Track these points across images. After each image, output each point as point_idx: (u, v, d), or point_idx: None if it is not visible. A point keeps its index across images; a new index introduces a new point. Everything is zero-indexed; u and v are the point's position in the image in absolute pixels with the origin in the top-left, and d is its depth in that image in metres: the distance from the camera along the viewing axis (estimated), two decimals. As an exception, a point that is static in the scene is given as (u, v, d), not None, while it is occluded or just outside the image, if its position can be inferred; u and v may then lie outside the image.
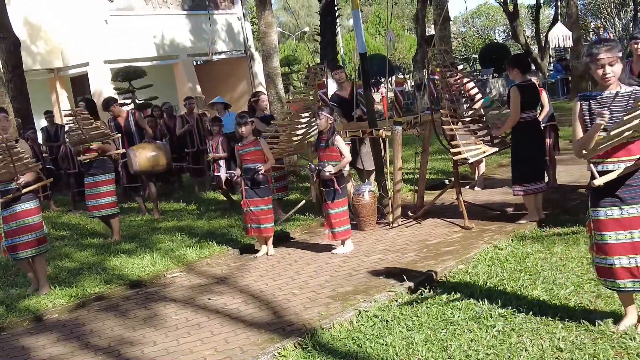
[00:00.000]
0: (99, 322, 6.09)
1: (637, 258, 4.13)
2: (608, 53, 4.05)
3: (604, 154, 4.15)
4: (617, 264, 4.18)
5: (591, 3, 50.11)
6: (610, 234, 4.19)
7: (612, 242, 4.19)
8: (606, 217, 4.20)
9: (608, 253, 4.21)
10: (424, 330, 4.77)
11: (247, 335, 5.26)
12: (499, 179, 10.72)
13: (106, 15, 22.33)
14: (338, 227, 7.36)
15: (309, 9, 60.17)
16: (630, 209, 4.13)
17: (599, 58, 4.07)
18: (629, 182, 4.12)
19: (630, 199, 4.12)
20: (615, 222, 4.17)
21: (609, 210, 4.19)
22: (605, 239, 4.21)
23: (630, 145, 4.08)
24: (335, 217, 7.35)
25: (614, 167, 4.12)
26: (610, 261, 4.21)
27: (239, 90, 26.94)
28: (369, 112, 8.70)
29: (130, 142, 10.45)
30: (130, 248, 8.52)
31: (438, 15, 15.37)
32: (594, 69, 4.12)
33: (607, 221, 4.20)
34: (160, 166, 10.44)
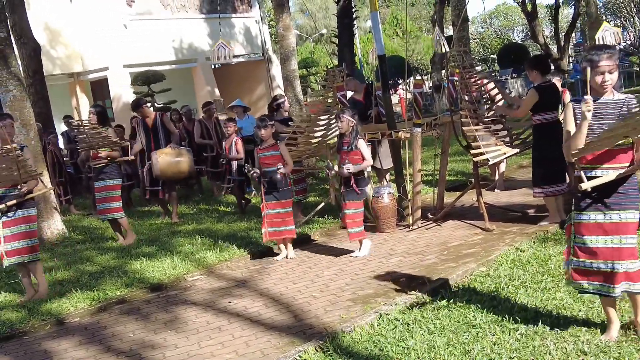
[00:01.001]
0: (121, 326, 6.11)
1: (614, 264, 4.12)
2: (609, 61, 4.05)
3: (593, 160, 4.14)
4: (595, 267, 4.19)
5: (611, 2, 49.66)
6: (591, 238, 4.19)
7: (593, 246, 4.19)
8: (589, 220, 4.20)
9: (588, 256, 4.21)
10: (445, 333, 4.74)
11: (267, 338, 5.26)
12: (519, 180, 10.64)
13: (125, 20, 22.49)
14: (351, 227, 7.34)
15: (327, 11, 60.20)
16: (614, 214, 4.14)
17: (599, 65, 4.06)
18: (618, 189, 4.13)
19: (614, 205, 4.13)
20: (597, 226, 4.18)
21: (592, 214, 4.19)
22: (587, 242, 4.21)
23: (618, 154, 4.09)
24: (350, 218, 7.32)
25: (602, 173, 4.13)
26: (589, 264, 4.21)
27: (257, 93, 27.01)
28: (388, 114, 8.68)
29: (157, 142, 10.50)
30: (151, 251, 8.56)
31: (456, 17, 15.27)
32: (592, 75, 4.10)
33: (590, 225, 4.20)
34: (182, 173, 10.48)
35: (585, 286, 4.27)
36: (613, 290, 4.15)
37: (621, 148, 4.08)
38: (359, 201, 7.39)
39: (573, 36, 36.70)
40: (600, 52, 4.08)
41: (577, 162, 4.23)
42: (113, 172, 9.07)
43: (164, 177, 10.34)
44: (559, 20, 37.46)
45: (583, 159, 4.19)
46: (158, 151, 10.20)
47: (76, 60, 23.04)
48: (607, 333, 4.33)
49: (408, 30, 20.21)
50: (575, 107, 4.18)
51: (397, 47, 48.40)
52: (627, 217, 4.13)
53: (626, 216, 4.13)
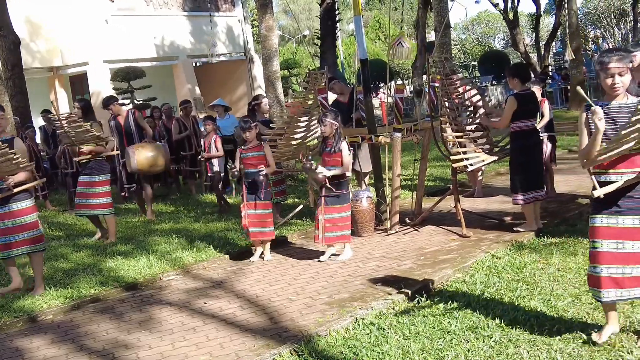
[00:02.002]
0: (94, 325, 6.05)
1: (624, 268, 4.13)
2: (619, 63, 4.03)
3: (607, 164, 4.14)
4: (604, 273, 4.18)
5: (591, 12, 50.26)
6: (602, 242, 4.19)
7: (603, 250, 4.18)
8: (601, 224, 4.20)
9: (598, 261, 4.22)
10: (420, 339, 4.75)
11: (242, 340, 5.24)
12: (497, 187, 10.71)
13: (107, 15, 22.32)
14: (331, 231, 7.31)
15: (310, 13, 60.24)
16: (627, 219, 4.13)
17: (609, 67, 4.05)
18: (631, 193, 4.12)
19: (628, 210, 4.13)
20: (609, 230, 4.17)
21: (605, 218, 4.19)
22: (597, 246, 4.22)
23: (633, 156, 4.08)
24: (331, 222, 7.30)
25: (616, 178, 4.11)
26: (598, 269, 4.21)
27: (238, 93, 26.94)
28: (368, 118, 8.69)
29: (130, 141, 10.42)
30: (126, 250, 8.49)
31: (439, 22, 15.38)
32: (603, 77, 4.10)
33: (602, 228, 4.20)
34: (158, 167, 10.40)
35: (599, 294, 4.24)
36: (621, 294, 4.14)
37: (635, 152, 4.05)
38: (341, 205, 7.38)
39: (553, 45, 37.03)
40: (611, 54, 4.07)
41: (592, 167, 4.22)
42: (99, 167, 8.92)
43: (141, 172, 10.26)
44: (540, 29, 37.79)
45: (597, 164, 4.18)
46: (134, 146, 10.13)
47: (56, 55, 22.82)
48: (600, 332, 4.34)
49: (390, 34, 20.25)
50: (588, 114, 4.16)
51: (379, 51, 48.53)
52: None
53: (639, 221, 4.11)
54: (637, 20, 37.42)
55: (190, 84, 24.48)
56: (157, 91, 21.51)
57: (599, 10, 48.90)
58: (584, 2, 52.31)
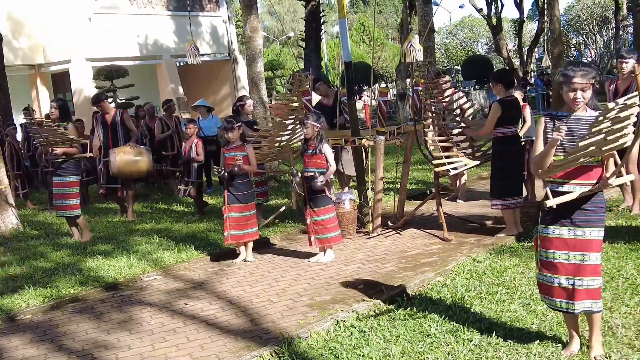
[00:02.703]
0: (73, 325, 6.01)
1: (575, 280, 4.16)
2: (582, 79, 4.07)
3: (562, 175, 4.19)
4: (556, 283, 4.22)
5: (574, 19, 50.68)
6: (554, 252, 4.23)
7: (556, 261, 4.23)
8: (554, 235, 4.24)
9: (550, 270, 4.25)
10: (401, 342, 4.77)
11: (223, 342, 5.22)
12: (478, 191, 10.77)
13: (90, 13, 22.17)
14: (325, 233, 7.33)
15: (295, 14, 60.27)
16: (578, 230, 4.17)
17: (572, 82, 4.09)
18: (584, 205, 4.16)
19: (579, 221, 4.17)
20: (562, 241, 4.22)
21: (557, 229, 4.23)
22: (550, 256, 4.25)
23: (588, 170, 4.13)
24: (323, 224, 7.33)
25: (569, 188, 4.16)
26: (551, 279, 4.25)
27: (221, 94, 26.86)
28: (352, 121, 8.71)
29: (115, 140, 10.38)
30: (107, 249, 8.43)
31: (423, 26, 15.43)
32: (565, 90, 4.15)
33: (554, 239, 4.24)
34: (140, 173, 10.40)
35: (551, 303, 4.29)
36: (573, 307, 4.17)
37: (591, 165, 4.10)
38: (329, 206, 7.40)
39: (536, 51, 37.31)
40: (576, 68, 4.11)
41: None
42: (71, 168, 8.91)
43: (120, 176, 10.21)
44: (523, 35, 38.06)
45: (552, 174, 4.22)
46: (117, 149, 10.07)
47: (38, 52, 22.63)
48: (568, 347, 4.37)
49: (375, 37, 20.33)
50: (547, 123, 4.21)
51: (363, 54, 48.62)
52: (591, 234, 4.15)
53: (590, 233, 4.15)
54: (618, 28, 37.81)
55: (174, 84, 24.37)
56: (140, 90, 21.39)
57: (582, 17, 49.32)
58: (567, 9, 52.77)
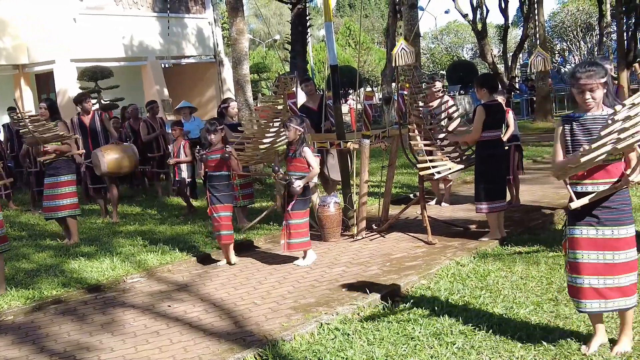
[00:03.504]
0: (56, 326, 5.97)
1: (606, 279, 4.16)
2: (589, 80, 4.05)
3: (582, 175, 4.16)
4: (586, 284, 4.20)
5: (558, 26, 51.11)
6: (582, 253, 4.21)
7: (584, 261, 4.20)
8: (581, 235, 4.22)
9: (579, 272, 4.24)
10: (384, 345, 4.78)
11: (206, 344, 5.21)
12: (463, 195, 10.82)
13: (75, 14, 22.04)
14: (295, 238, 7.32)
15: (281, 17, 60.25)
16: (606, 230, 4.15)
17: (580, 83, 4.08)
18: (608, 204, 4.14)
19: (607, 221, 4.15)
20: (589, 241, 4.20)
21: (584, 229, 4.21)
22: (578, 257, 4.23)
23: (609, 166, 4.10)
24: (294, 228, 7.32)
25: (592, 188, 4.13)
26: (579, 280, 4.23)
27: (207, 96, 26.79)
28: (337, 124, 8.73)
29: (95, 142, 10.34)
30: (90, 251, 8.38)
31: (409, 31, 15.49)
32: (575, 92, 4.14)
33: (582, 240, 4.22)
34: (126, 168, 10.33)
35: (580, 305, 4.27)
36: (605, 306, 4.18)
37: (610, 162, 4.08)
38: (303, 211, 7.39)
39: (520, 57, 37.57)
40: (582, 69, 4.09)
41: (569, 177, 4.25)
42: (64, 167, 8.81)
43: (109, 175, 10.16)
44: (508, 41, 38.31)
45: (574, 175, 4.20)
46: (102, 148, 10.03)
47: (22, 52, 22.46)
48: (588, 343, 4.37)
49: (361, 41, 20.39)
50: (565, 125, 4.20)
51: (349, 57, 48.73)
52: (619, 232, 4.14)
53: (619, 232, 4.14)
54: (602, 34, 38.17)
55: (159, 85, 24.27)
56: (124, 92, 21.28)
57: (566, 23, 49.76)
58: (551, 15, 53.21)
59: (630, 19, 30.86)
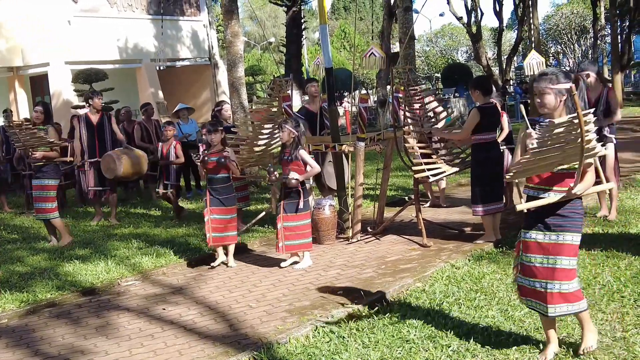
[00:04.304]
0: (50, 329, 5.95)
1: (547, 283, 4.22)
2: (539, 84, 4.19)
3: (539, 181, 4.26)
4: (532, 286, 4.30)
5: (552, 28, 51.21)
6: (530, 256, 4.30)
7: (531, 264, 4.30)
8: (530, 239, 4.31)
9: (528, 274, 4.32)
10: (379, 347, 4.78)
11: (201, 347, 5.20)
12: (458, 198, 10.83)
13: (69, 16, 21.99)
14: (291, 240, 7.31)
15: (276, 20, 60.29)
16: (552, 235, 4.23)
17: (534, 86, 4.24)
18: (560, 211, 4.21)
19: (554, 226, 4.22)
20: (537, 245, 4.28)
21: (534, 233, 4.30)
22: (526, 260, 4.32)
23: (566, 177, 4.17)
24: (290, 230, 7.31)
25: (544, 194, 4.22)
26: (528, 282, 4.32)
27: (202, 98, 26.77)
28: (332, 127, 8.73)
29: (102, 141, 10.40)
30: (85, 254, 8.36)
31: (403, 34, 15.50)
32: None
33: (531, 243, 4.31)
34: (137, 175, 10.52)
35: (527, 304, 4.39)
36: (546, 310, 4.23)
37: (569, 172, 4.13)
38: (301, 213, 7.38)
39: (515, 59, 37.65)
40: (541, 74, 4.23)
41: (526, 181, 4.36)
42: (50, 171, 8.85)
43: (120, 179, 10.27)
44: (502, 44, 38.40)
45: (530, 180, 4.31)
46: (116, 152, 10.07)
47: (16, 54, 22.41)
48: (543, 352, 4.40)
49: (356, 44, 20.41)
50: (527, 129, 4.26)
51: (344, 60, 48.76)
52: (564, 238, 4.20)
53: (564, 238, 4.20)
54: (596, 37, 38.27)
55: (154, 88, 24.24)
56: (119, 94, 21.25)
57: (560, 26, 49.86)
58: (546, 18, 53.31)
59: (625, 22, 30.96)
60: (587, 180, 4.15)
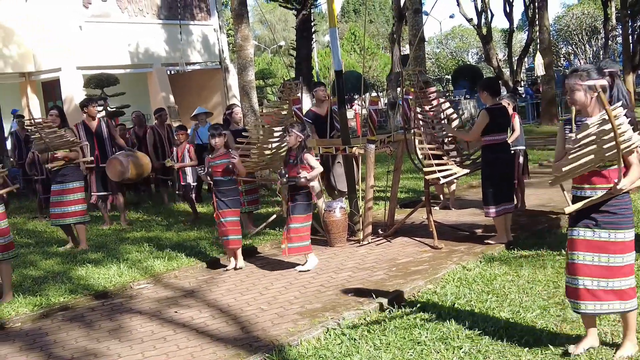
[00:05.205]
0: (63, 333, 5.99)
1: (600, 281, 4.17)
2: (569, 80, 4.17)
3: (582, 179, 4.21)
4: (580, 285, 4.22)
5: (563, 29, 51.04)
6: (578, 254, 4.23)
7: (580, 262, 4.23)
8: (578, 237, 4.25)
9: (575, 273, 4.26)
10: (391, 349, 4.78)
11: (213, 350, 5.21)
12: (469, 199, 10.81)
13: (81, 22, 22.12)
14: (295, 242, 7.32)
15: (286, 24, 60.39)
16: (603, 232, 4.17)
17: (565, 83, 4.20)
18: (606, 207, 4.15)
19: (604, 224, 4.16)
20: (586, 243, 4.21)
21: (581, 230, 4.23)
22: (574, 258, 4.25)
23: (606, 172, 4.12)
24: (294, 232, 7.32)
25: (591, 193, 4.17)
26: (575, 281, 4.25)
27: (212, 102, 26.82)
28: (342, 129, 8.74)
29: (102, 147, 10.43)
30: (97, 258, 8.41)
31: (413, 36, 15.51)
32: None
33: (578, 241, 4.24)
34: (142, 175, 10.62)
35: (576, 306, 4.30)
36: (600, 308, 4.19)
37: (613, 168, 4.09)
38: (304, 215, 7.40)
39: (525, 61, 37.54)
40: (571, 71, 4.20)
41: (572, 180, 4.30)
42: (71, 173, 8.86)
43: (127, 181, 10.35)
44: (513, 45, 38.29)
45: (575, 178, 4.24)
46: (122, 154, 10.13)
47: (28, 60, 22.55)
48: (577, 345, 4.37)
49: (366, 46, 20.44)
50: (566, 128, 4.26)
51: (354, 63, 48.77)
52: (616, 236, 4.15)
53: (616, 235, 4.15)
54: (608, 38, 38.11)
55: (165, 92, 24.33)
56: (130, 99, 21.34)
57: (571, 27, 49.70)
58: (556, 19, 53.17)
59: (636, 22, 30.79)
60: (633, 174, 4.08)
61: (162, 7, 24.95)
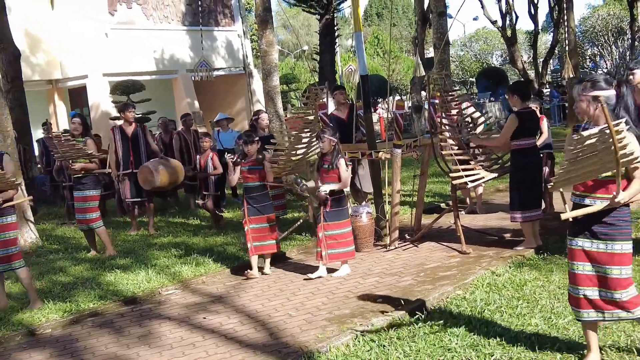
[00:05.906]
0: (93, 339, 6.03)
1: (600, 291, 4.17)
2: (574, 90, 4.26)
3: (585, 189, 4.21)
4: (581, 294, 4.22)
5: (589, 31, 50.49)
6: (578, 264, 4.24)
7: (579, 272, 4.23)
8: (577, 247, 4.25)
9: (575, 282, 4.26)
10: (421, 356, 4.74)
11: (242, 356, 5.22)
12: (496, 203, 10.72)
13: (107, 29, 22.38)
14: (334, 248, 7.30)
15: (309, 28, 60.46)
16: (600, 244, 4.16)
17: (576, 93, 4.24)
18: (606, 219, 4.14)
19: (601, 235, 4.16)
20: (584, 253, 4.22)
21: (580, 241, 4.24)
22: (574, 268, 4.26)
23: (609, 184, 4.10)
24: (332, 239, 7.30)
25: (590, 202, 4.17)
26: (576, 291, 4.25)
27: (237, 107, 26.97)
28: (368, 134, 8.72)
29: (136, 152, 10.55)
30: (125, 263, 8.47)
31: (438, 39, 15.42)
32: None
33: (577, 251, 4.25)
34: (173, 184, 10.76)
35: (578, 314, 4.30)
36: (603, 316, 4.18)
37: (614, 179, 4.05)
38: (339, 221, 7.38)
39: (551, 62, 37.21)
40: (578, 81, 4.22)
41: (572, 188, 4.32)
42: (90, 182, 8.98)
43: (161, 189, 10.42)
44: (538, 47, 37.97)
45: (576, 186, 4.25)
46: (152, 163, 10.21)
47: (55, 67, 22.86)
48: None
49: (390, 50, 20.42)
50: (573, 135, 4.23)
51: (378, 66, 48.70)
52: (614, 248, 4.13)
53: (613, 247, 4.13)
54: (634, 39, 37.61)
55: (190, 98, 24.50)
56: (156, 105, 21.52)
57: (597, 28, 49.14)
58: (582, 20, 52.60)
59: (663, 22, 30.35)
60: (633, 188, 4.06)
61: (187, 13, 25.15)
